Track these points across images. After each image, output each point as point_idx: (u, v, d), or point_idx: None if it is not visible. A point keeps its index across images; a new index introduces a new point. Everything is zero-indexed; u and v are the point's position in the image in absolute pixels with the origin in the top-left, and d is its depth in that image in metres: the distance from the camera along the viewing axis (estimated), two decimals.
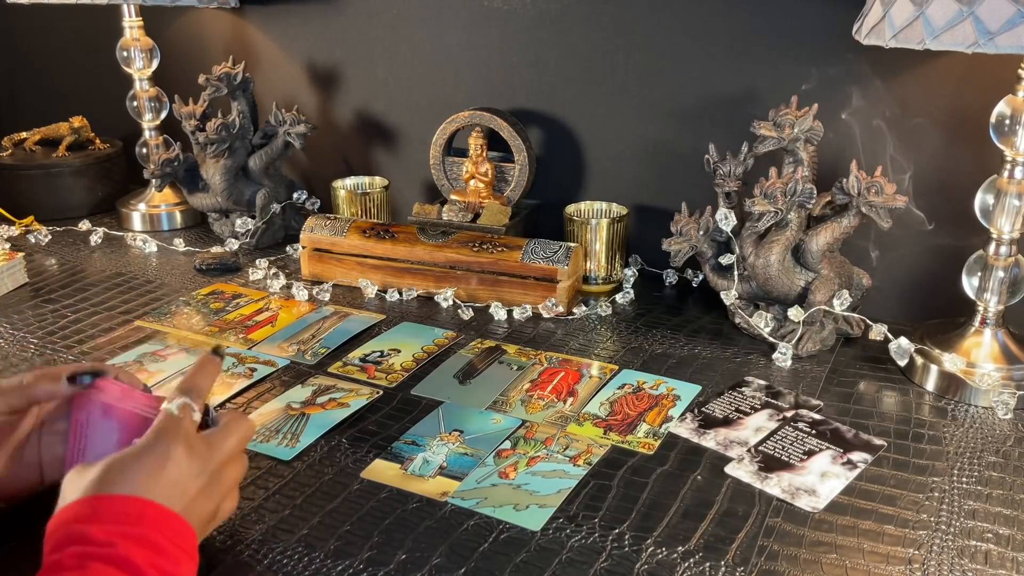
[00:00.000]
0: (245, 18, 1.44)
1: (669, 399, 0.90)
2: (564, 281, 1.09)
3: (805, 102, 0.99)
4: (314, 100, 1.42)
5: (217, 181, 1.31)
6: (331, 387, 0.92)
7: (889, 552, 0.68)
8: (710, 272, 1.06)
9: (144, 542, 0.55)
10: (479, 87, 1.29)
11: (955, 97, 1.01)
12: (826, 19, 1.04)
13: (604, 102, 1.21)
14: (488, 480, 0.77)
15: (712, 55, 1.12)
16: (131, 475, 0.58)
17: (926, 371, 0.93)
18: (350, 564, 0.66)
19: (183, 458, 0.61)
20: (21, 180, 1.44)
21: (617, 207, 1.20)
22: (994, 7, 0.73)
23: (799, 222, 0.98)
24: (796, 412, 0.87)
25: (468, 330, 1.06)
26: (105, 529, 0.55)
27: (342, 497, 0.75)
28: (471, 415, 0.87)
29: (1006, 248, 0.90)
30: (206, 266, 1.23)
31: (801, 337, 0.99)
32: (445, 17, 1.28)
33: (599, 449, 0.81)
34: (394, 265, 1.16)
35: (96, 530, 0.55)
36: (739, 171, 1.03)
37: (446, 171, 1.27)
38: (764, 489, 0.76)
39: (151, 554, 0.55)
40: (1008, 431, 0.85)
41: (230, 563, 0.67)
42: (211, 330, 1.05)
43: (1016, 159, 0.87)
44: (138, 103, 1.41)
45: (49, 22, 1.63)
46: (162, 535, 0.57)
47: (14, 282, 1.17)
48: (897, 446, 0.82)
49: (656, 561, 0.67)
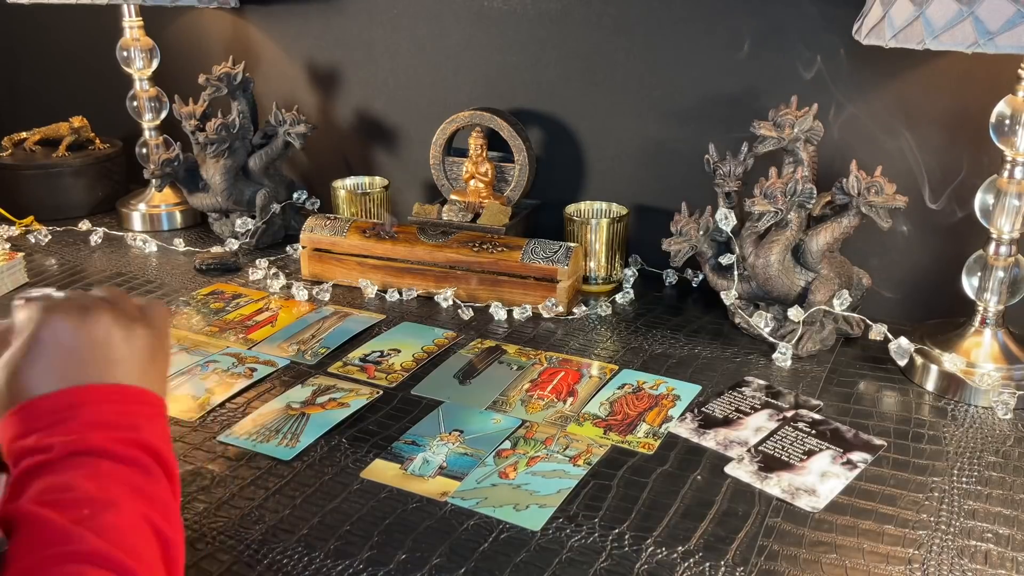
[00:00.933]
0: (245, 18, 1.44)
1: (669, 399, 0.90)
2: (564, 281, 1.09)
3: (805, 99, 0.99)
4: (314, 100, 1.42)
5: (217, 181, 1.31)
6: (331, 387, 0.92)
7: (889, 552, 0.68)
8: (710, 272, 1.06)
9: (91, 426, 0.53)
10: (479, 87, 1.29)
11: (955, 97, 1.01)
12: (826, 19, 1.04)
13: (604, 102, 1.21)
14: (488, 480, 0.77)
15: (712, 55, 1.12)
16: (36, 369, 0.55)
17: (926, 371, 0.93)
18: (350, 564, 0.67)
19: (61, 321, 0.57)
20: (21, 180, 1.44)
21: (617, 207, 1.20)
22: (994, 7, 0.73)
23: (799, 222, 0.98)
24: (796, 412, 0.87)
25: (468, 330, 1.06)
26: (47, 435, 0.53)
27: (342, 497, 0.75)
28: (471, 415, 0.87)
29: (1006, 248, 0.90)
30: (206, 266, 1.23)
31: (801, 337, 0.98)
32: (445, 17, 1.28)
33: (599, 449, 0.81)
34: (394, 265, 1.16)
35: (40, 439, 0.52)
36: (739, 171, 1.03)
37: (446, 171, 1.27)
38: (764, 489, 0.76)
39: (106, 431, 0.53)
40: (1008, 431, 0.85)
41: (230, 563, 0.67)
42: (211, 330, 1.05)
43: (1016, 159, 0.87)
44: (138, 103, 1.41)
45: (49, 22, 1.63)
46: (105, 413, 0.55)
47: (14, 282, 1.17)
48: (897, 446, 0.82)
49: (656, 561, 0.67)
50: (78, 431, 0.54)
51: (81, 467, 0.52)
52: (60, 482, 0.51)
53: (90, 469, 0.52)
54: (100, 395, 0.56)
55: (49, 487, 0.50)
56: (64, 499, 0.50)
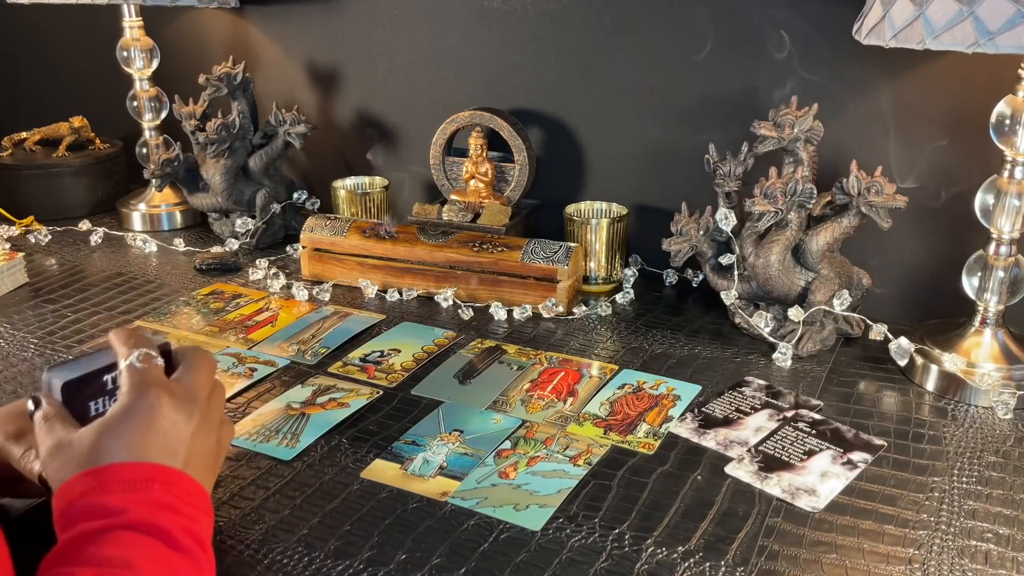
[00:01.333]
0: (245, 18, 1.44)
1: (669, 399, 0.90)
2: (564, 281, 1.09)
3: (806, 99, 0.99)
4: (314, 100, 1.42)
5: (217, 181, 1.31)
6: (331, 387, 0.92)
7: (889, 552, 0.68)
8: (710, 272, 1.06)
9: (160, 505, 0.55)
10: (479, 87, 1.29)
11: (955, 97, 1.01)
12: (826, 19, 1.04)
13: (604, 102, 1.21)
14: (488, 480, 0.77)
15: (712, 55, 1.12)
16: (125, 438, 0.57)
17: (926, 371, 0.93)
18: (350, 564, 0.67)
19: (168, 406, 0.60)
20: (21, 180, 1.44)
21: (617, 207, 1.20)
22: (994, 7, 0.73)
23: (799, 222, 0.98)
24: (796, 412, 0.87)
25: (468, 330, 1.06)
26: (119, 498, 0.54)
27: (342, 497, 0.75)
28: (471, 415, 0.87)
29: (1006, 248, 0.90)
30: (206, 266, 1.23)
31: (801, 337, 0.98)
32: (445, 17, 1.28)
33: (599, 449, 0.81)
34: (394, 265, 1.16)
35: (111, 500, 0.53)
36: (739, 171, 1.03)
37: (446, 171, 1.27)
38: (764, 489, 0.76)
39: (171, 514, 0.54)
40: (1008, 431, 0.85)
41: (230, 563, 0.67)
42: (211, 330, 1.05)
43: (1016, 159, 0.87)
44: (138, 103, 1.41)
45: (49, 22, 1.63)
46: (174, 495, 0.56)
47: (14, 282, 1.17)
48: (897, 446, 0.82)
49: (656, 561, 0.67)
50: (147, 504, 0.55)
51: (143, 548, 0.52)
52: (119, 557, 0.51)
53: (152, 553, 0.52)
54: (173, 478, 0.58)
55: (108, 560, 0.50)
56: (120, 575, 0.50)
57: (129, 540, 0.52)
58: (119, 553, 0.51)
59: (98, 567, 0.50)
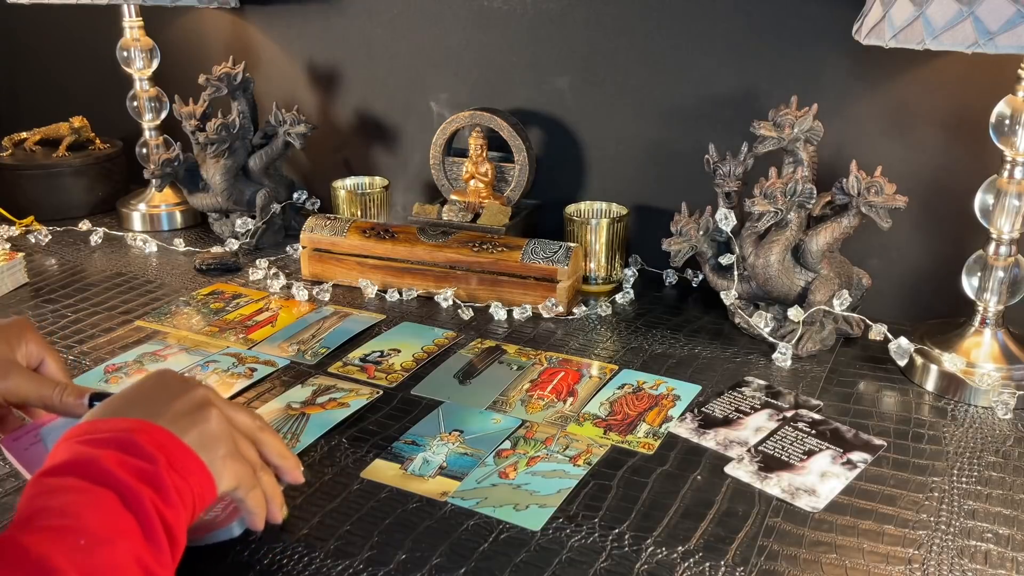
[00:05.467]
0: (245, 18, 1.44)
1: (669, 399, 0.90)
2: (564, 281, 1.09)
3: (805, 99, 0.99)
4: (314, 100, 1.42)
5: (217, 181, 1.31)
6: (331, 387, 0.92)
7: (889, 552, 0.68)
8: (710, 272, 1.06)
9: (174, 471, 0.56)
10: (479, 87, 1.29)
11: (955, 97, 1.01)
12: (826, 19, 1.04)
13: (604, 102, 1.21)
14: (488, 480, 0.77)
15: (712, 55, 1.12)
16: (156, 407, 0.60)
17: (926, 371, 0.93)
18: (350, 564, 0.67)
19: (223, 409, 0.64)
20: (21, 180, 1.44)
21: (617, 207, 1.20)
22: (994, 7, 0.73)
23: (799, 222, 0.98)
24: (796, 412, 0.88)
25: (468, 330, 1.06)
26: (152, 447, 0.56)
27: (342, 497, 0.75)
28: (471, 415, 0.87)
29: (1006, 248, 0.90)
30: (206, 266, 1.23)
31: (801, 337, 0.99)
32: (445, 17, 1.28)
33: (599, 449, 0.81)
34: (394, 265, 1.16)
35: (145, 440, 0.56)
36: (739, 171, 1.03)
37: (446, 171, 1.27)
38: (764, 489, 0.76)
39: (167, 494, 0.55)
40: (1008, 431, 0.85)
41: (230, 563, 0.67)
42: (211, 330, 1.05)
43: (1016, 159, 0.87)
44: (138, 103, 1.41)
45: (49, 22, 1.63)
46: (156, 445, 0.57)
47: (14, 282, 1.17)
48: (897, 446, 0.82)
49: (656, 561, 0.67)
50: (126, 431, 0.56)
51: (93, 497, 0.52)
52: (58, 506, 0.51)
53: (99, 501, 0.53)
54: (176, 445, 0.59)
55: (48, 510, 0.51)
56: (66, 526, 0.50)
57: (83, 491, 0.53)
58: (61, 503, 0.52)
59: (45, 518, 0.51)
